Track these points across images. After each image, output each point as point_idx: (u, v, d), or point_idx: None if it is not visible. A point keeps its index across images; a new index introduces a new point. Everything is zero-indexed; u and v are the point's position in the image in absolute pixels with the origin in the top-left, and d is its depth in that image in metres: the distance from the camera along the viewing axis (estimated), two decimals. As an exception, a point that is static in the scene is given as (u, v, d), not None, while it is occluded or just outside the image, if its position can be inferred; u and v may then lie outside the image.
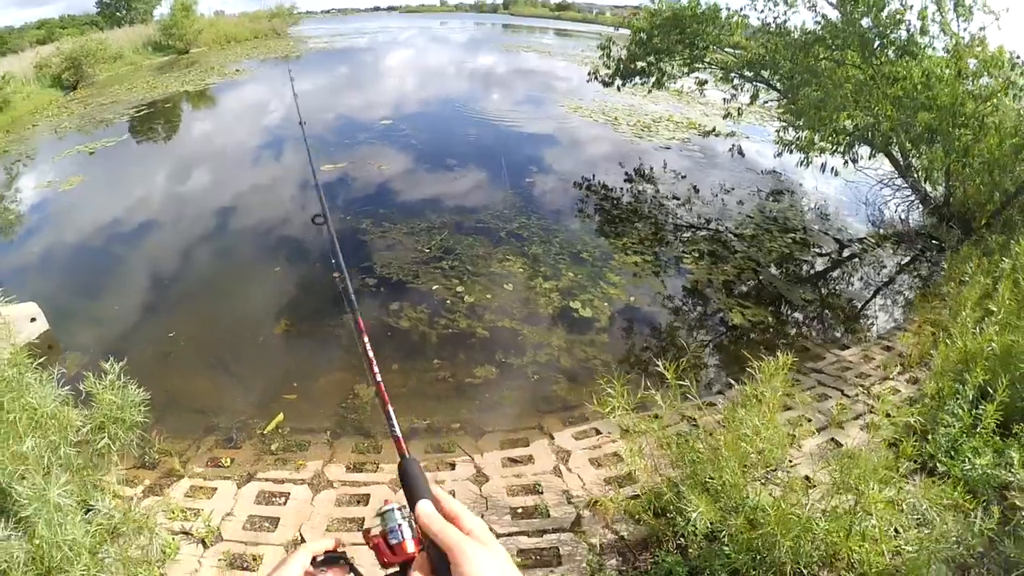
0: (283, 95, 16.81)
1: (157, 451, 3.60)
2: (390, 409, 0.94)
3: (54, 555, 2.22)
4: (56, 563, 2.25)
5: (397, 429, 0.91)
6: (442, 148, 10.79)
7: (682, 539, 2.75)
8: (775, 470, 2.81)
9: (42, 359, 2.91)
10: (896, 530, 2.38)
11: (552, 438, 3.83)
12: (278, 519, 3.04)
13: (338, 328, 5.18)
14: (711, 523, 2.47)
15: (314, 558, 0.76)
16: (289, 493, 3.25)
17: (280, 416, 4.05)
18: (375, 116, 13.61)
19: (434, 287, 5.73)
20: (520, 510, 3.10)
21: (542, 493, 3.22)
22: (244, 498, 3.22)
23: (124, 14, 37.54)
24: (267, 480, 3.38)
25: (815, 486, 2.63)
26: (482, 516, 3.02)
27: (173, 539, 2.86)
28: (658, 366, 2.82)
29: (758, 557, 2.41)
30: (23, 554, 2.16)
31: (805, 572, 2.39)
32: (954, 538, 2.29)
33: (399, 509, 0.74)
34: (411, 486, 0.77)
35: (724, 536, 2.49)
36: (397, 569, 0.72)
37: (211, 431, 3.97)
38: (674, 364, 2.80)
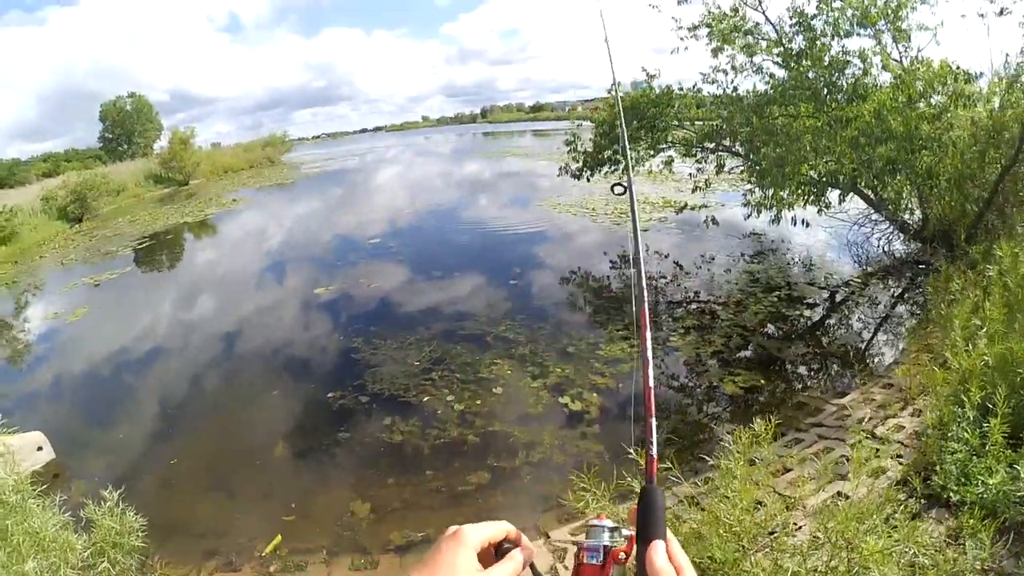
0: (280, 221, 17.61)
1: (159, 576, 3.67)
2: (653, 422, 0.83)
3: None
4: None
5: (655, 449, 0.81)
6: (428, 260, 11.24)
7: None
8: (776, 535, 2.76)
9: (44, 486, 3.06)
10: (913, 571, 2.37)
11: (548, 537, 3.89)
12: (278, 643, 3.09)
13: (334, 446, 5.31)
14: None
15: (502, 543, 0.77)
16: (288, 616, 3.31)
17: (278, 538, 4.12)
18: (365, 235, 14.21)
19: (425, 399, 5.89)
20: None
21: (537, 595, 3.25)
22: (244, 624, 3.27)
23: (126, 148, 39.61)
24: (267, 604, 3.44)
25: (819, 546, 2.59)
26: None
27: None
28: (636, 450, 2.91)
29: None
30: None
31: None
32: (977, 567, 2.28)
33: (611, 530, 0.72)
34: (649, 521, 0.71)
35: None
36: None
37: (211, 555, 4.02)
38: (645, 450, 2.89)
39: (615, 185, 1.47)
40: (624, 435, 5.18)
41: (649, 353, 0.93)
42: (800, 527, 3.12)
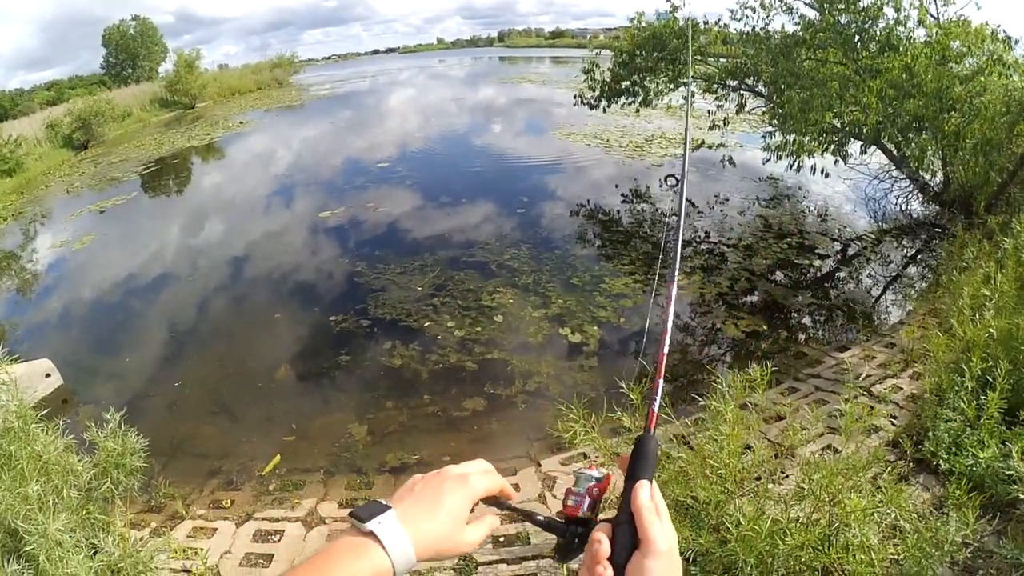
0: (287, 143, 17.39)
1: (163, 495, 3.80)
2: (660, 382, 0.87)
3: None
4: (62, 599, 2.45)
5: (657, 405, 0.84)
6: (437, 186, 11.09)
7: None
8: (761, 480, 2.75)
9: (47, 411, 3.11)
10: (895, 534, 2.40)
11: (539, 465, 3.95)
12: (272, 555, 3.21)
13: (335, 369, 5.39)
14: (686, 542, 2.46)
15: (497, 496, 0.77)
16: (284, 531, 3.42)
17: (278, 458, 4.23)
18: (373, 159, 14.01)
19: (426, 324, 5.92)
20: (502, 538, 3.22)
21: (524, 521, 3.33)
22: (242, 537, 3.39)
23: (130, 72, 38.93)
24: (264, 519, 3.55)
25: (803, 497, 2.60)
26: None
27: (174, 577, 3.04)
28: (629, 385, 2.90)
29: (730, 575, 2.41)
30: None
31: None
32: (958, 540, 2.26)
33: (597, 479, 0.75)
34: (641, 463, 0.74)
35: (692, 556, 2.49)
36: (564, 522, 0.74)
37: (214, 474, 4.15)
38: (639, 386, 2.89)
39: (668, 176, 1.40)
40: (622, 369, 5.21)
41: (670, 323, 0.96)
42: (787, 476, 3.13)
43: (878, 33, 7.44)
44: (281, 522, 3.51)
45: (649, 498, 0.69)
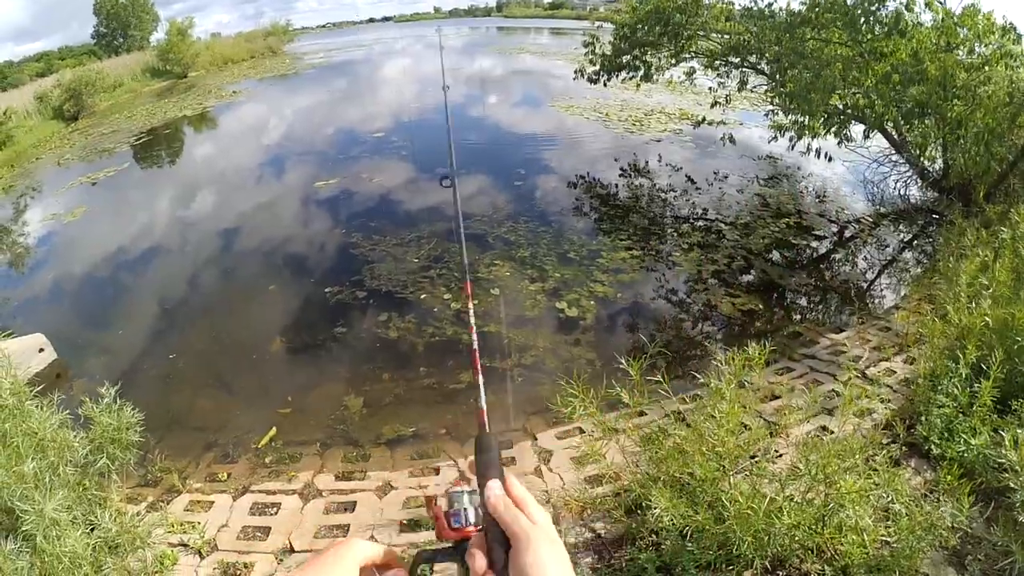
0: (281, 113, 17.16)
1: (159, 469, 3.79)
2: (481, 379, 0.94)
3: (56, 567, 2.41)
4: (59, 574, 2.44)
5: (483, 402, 0.89)
6: (432, 157, 10.92)
7: (655, 536, 2.79)
8: (757, 460, 2.79)
9: (42, 387, 3.08)
10: (887, 516, 2.41)
11: (535, 439, 3.95)
12: (269, 528, 3.21)
13: (330, 341, 5.37)
14: (682, 518, 2.50)
15: (386, 565, 0.74)
16: (280, 503, 3.42)
17: (273, 430, 4.22)
18: (369, 128, 13.85)
19: (422, 296, 5.89)
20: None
21: (521, 493, 3.34)
22: (238, 510, 3.39)
23: (121, 42, 38.19)
24: (260, 492, 3.55)
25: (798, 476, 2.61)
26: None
27: (172, 551, 3.04)
28: (629, 362, 2.89)
29: (726, 552, 2.45)
30: (27, 565, 2.35)
31: (781, 565, 2.48)
32: (948, 525, 2.30)
33: (469, 494, 0.74)
34: (485, 462, 0.75)
35: (688, 532, 2.51)
36: (450, 544, 0.73)
37: (209, 448, 4.15)
38: (639, 362, 2.89)
39: (442, 178, 1.55)
40: (618, 344, 5.21)
41: (474, 333, 1.06)
42: (781, 455, 3.15)
43: (885, 16, 7.33)
44: (278, 495, 3.51)
45: (502, 495, 0.70)
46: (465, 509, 0.73)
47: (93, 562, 2.59)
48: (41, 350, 5.25)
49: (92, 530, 2.73)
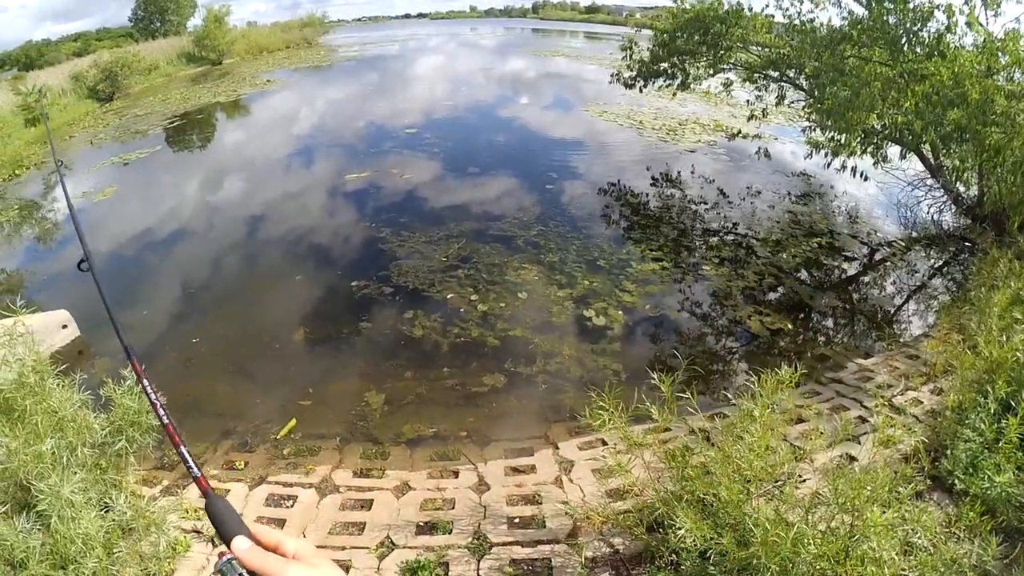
0: (314, 104, 17.27)
1: (176, 454, 3.75)
2: (183, 450, 0.87)
3: (68, 548, 2.37)
4: (71, 555, 2.40)
5: (196, 469, 0.85)
6: (465, 156, 10.92)
7: (675, 555, 2.70)
8: (781, 484, 2.74)
9: (64, 366, 3.05)
10: (907, 550, 2.32)
11: (557, 448, 3.87)
12: (284, 521, 3.16)
13: (354, 335, 5.33)
14: (705, 540, 2.43)
15: None
16: (297, 496, 3.37)
17: (293, 421, 4.17)
18: (401, 124, 13.83)
19: (449, 296, 5.83)
20: (517, 520, 3.15)
21: (541, 503, 3.26)
22: (254, 500, 3.34)
23: (159, 26, 38.70)
24: (277, 483, 3.50)
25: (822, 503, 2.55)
26: (479, 525, 3.09)
27: (185, 537, 2.99)
28: (661, 377, 2.81)
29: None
30: (39, 545, 2.31)
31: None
32: (972, 563, 2.23)
33: (231, 560, 0.70)
34: (221, 524, 0.73)
35: (711, 555, 2.44)
36: None
37: (228, 435, 4.11)
38: (670, 376, 2.80)
39: (80, 262, 1.45)
40: (645, 356, 5.10)
41: (153, 396, 0.97)
42: (804, 480, 3.07)
43: (927, 38, 7.18)
44: (295, 487, 3.46)
45: (248, 547, 0.69)
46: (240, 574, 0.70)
47: (106, 544, 2.55)
48: (64, 326, 5.25)
49: (106, 512, 2.68)
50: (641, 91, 10.96)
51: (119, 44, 28.90)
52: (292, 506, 3.30)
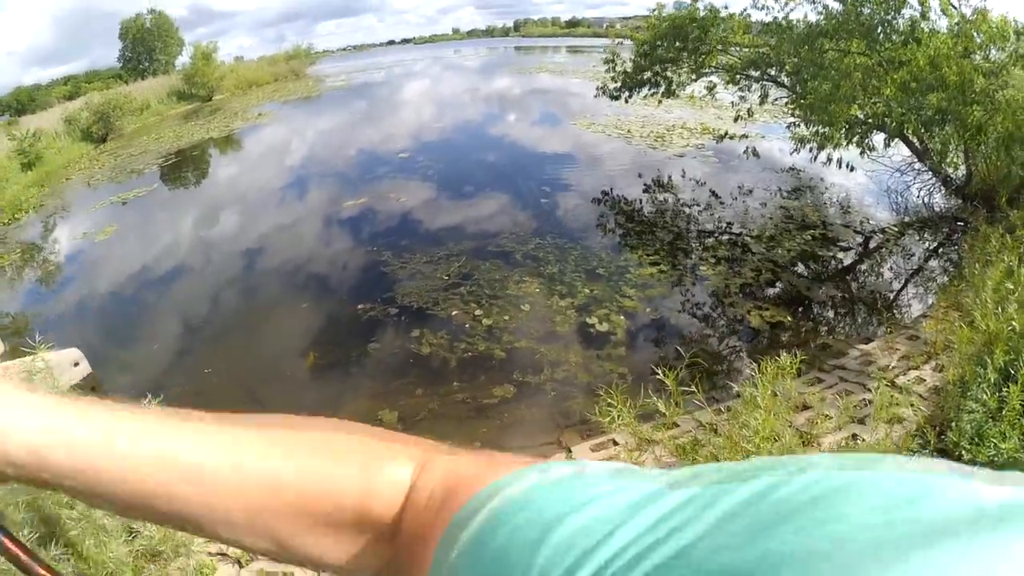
0: (306, 134, 17.47)
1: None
2: None
3: (100, 573, 2.44)
4: (102, 580, 2.47)
5: None
6: (458, 176, 11.05)
7: None
8: None
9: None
10: None
11: (570, 451, 3.93)
12: (309, 540, 3.21)
13: (363, 357, 5.40)
14: None
15: None
16: (319, 515, 3.42)
17: (309, 443, 4.23)
18: (393, 149, 13.98)
19: (453, 312, 5.92)
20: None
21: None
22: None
23: (147, 66, 39.16)
24: (298, 504, 3.56)
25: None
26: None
27: (211, 559, 3.05)
28: (665, 372, 2.89)
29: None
30: (71, 572, 2.38)
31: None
32: None
33: None
34: None
35: None
36: None
37: (245, 461, 4.17)
38: (674, 372, 2.89)
39: None
40: (649, 358, 5.18)
41: None
42: None
43: (901, 25, 7.34)
44: (316, 507, 3.51)
45: None
46: None
47: (135, 569, 2.62)
48: (76, 364, 5.31)
49: (133, 537, 2.75)
50: (627, 101, 11.13)
51: (109, 85, 29.20)
52: (315, 524, 3.35)
